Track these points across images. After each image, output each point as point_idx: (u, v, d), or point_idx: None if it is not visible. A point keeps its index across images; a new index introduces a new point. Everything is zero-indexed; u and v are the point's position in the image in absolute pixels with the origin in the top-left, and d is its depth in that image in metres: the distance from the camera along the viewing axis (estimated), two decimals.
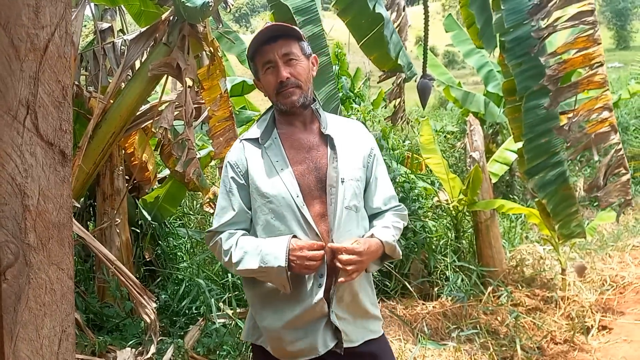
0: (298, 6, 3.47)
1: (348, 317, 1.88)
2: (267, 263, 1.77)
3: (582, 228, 4.03)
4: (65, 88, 0.98)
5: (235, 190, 1.92)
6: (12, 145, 0.93)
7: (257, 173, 1.89)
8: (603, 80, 3.19)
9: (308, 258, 1.74)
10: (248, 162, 1.92)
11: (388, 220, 1.97)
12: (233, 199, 1.92)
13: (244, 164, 1.93)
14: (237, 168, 1.93)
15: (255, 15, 71.41)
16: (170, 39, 3.89)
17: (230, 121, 4.02)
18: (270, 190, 1.85)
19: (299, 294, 1.84)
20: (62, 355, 1.03)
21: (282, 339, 1.86)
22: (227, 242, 1.88)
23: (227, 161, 1.98)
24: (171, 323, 4.47)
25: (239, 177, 1.92)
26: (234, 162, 1.95)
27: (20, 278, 0.96)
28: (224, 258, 1.89)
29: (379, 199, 2.00)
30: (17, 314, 0.96)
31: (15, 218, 0.94)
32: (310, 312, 1.83)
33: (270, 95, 1.97)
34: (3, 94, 0.91)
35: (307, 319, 1.84)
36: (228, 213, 1.91)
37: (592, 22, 3.12)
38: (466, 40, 9.45)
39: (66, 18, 0.96)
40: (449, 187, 5.59)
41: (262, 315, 1.90)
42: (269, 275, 1.79)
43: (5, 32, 0.90)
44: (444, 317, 4.58)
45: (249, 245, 1.84)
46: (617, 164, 3.35)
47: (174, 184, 5.18)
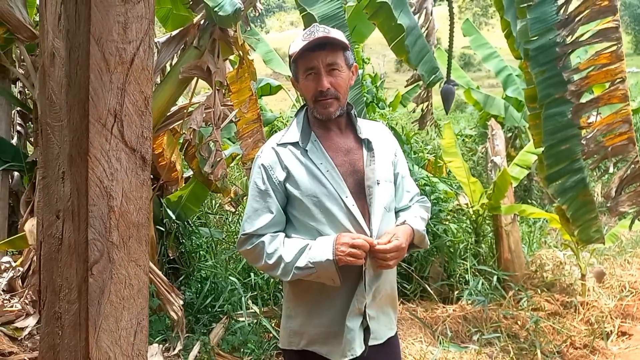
0: (325, 14, 3.54)
1: (375, 316, 1.94)
2: (315, 259, 1.80)
3: (600, 234, 4.05)
4: (147, 98, 1.05)
5: (272, 193, 1.92)
6: (101, 150, 1.00)
7: (301, 176, 1.90)
8: (624, 95, 3.23)
9: (353, 248, 1.78)
10: (288, 166, 1.92)
11: (416, 211, 2.04)
12: (270, 201, 1.92)
13: (280, 168, 1.93)
14: (272, 171, 1.93)
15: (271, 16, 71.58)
16: (201, 43, 3.98)
17: (257, 123, 4.10)
18: (319, 191, 1.87)
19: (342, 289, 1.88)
20: (137, 346, 1.10)
21: (329, 337, 1.90)
22: (271, 245, 1.89)
23: (260, 163, 1.97)
24: (195, 320, 4.55)
25: (275, 180, 1.93)
26: (268, 164, 1.94)
27: (104, 273, 1.03)
28: (268, 261, 1.88)
29: (406, 197, 2.08)
30: (101, 307, 1.03)
31: (101, 218, 1.02)
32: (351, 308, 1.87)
33: (307, 100, 2.00)
34: (95, 103, 0.98)
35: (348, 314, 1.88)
36: (265, 215, 1.91)
37: (616, 38, 3.16)
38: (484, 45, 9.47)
39: (149, 33, 1.04)
40: (469, 191, 5.62)
41: (309, 314, 1.93)
42: (318, 271, 1.81)
43: (98, 47, 0.97)
44: (465, 321, 4.62)
45: (297, 246, 1.86)
46: (633, 175, 3.40)
47: (197, 185, 5.27)
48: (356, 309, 1.88)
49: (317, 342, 1.93)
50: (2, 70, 5.07)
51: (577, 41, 3.22)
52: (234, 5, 3.62)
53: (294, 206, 1.93)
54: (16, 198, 5.02)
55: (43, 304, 1.09)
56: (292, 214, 1.95)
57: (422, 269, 5.25)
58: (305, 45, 1.89)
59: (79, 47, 0.98)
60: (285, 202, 1.96)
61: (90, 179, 0.99)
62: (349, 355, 1.88)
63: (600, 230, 4.06)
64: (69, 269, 1.04)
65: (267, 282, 4.93)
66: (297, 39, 1.96)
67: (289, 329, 2.00)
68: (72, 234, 1.03)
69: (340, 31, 2.03)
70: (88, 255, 1.01)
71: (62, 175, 1.03)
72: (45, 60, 1.04)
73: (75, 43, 0.99)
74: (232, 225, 6.69)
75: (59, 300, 1.06)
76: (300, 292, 1.97)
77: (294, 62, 1.98)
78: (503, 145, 5.50)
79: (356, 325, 1.88)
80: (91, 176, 0.99)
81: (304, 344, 1.95)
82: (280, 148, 1.96)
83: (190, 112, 4.15)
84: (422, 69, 3.64)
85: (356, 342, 1.89)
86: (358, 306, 1.88)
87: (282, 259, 1.86)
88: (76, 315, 1.04)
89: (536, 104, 3.74)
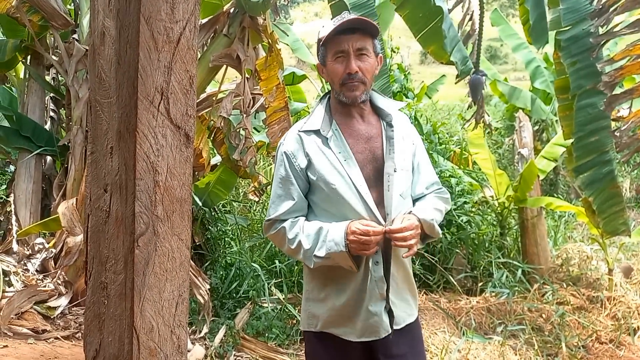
0: (355, 2, 3.54)
1: (397, 302, 1.97)
2: (330, 250, 1.86)
3: (627, 226, 4.00)
4: (191, 77, 1.08)
5: (294, 179, 1.97)
6: (148, 127, 1.04)
7: (320, 164, 1.94)
8: None
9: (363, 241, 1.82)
10: (309, 154, 1.96)
11: (430, 202, 2.05)
12: (292, 188, 1.97)
13: (302, 155, 1.97)
14: (294, 158, 1.98)
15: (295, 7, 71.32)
16: (231, 31, 4.02)
17: (285, 111, 4.12)
18: (336, 180, 1.91)
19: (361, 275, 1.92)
20: (178, 317, 1.14)
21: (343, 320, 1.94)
22: (292, 231, 1.95)
23: (283, 151, 2.01)
24: (221, 305, 4.63)
25: (297, 167, 1.97)
26: (290, 152, 1.99)
27: (149, 246, 1.07)
28: (290, 246, 1.95)
29: (422, 184, 2.09)
30: (145, 278, 1.08)
31: (147, 192, 1.06)
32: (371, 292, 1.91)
33: (334, 83, 2.01)
34: (143, 81, 1.02)
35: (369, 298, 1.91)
36: (287, 202, 1.97)
37: None
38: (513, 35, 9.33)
39: (195, 14, 1.07)
40: (495, 183, 5.58)
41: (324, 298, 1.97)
42: (335, 259, 1.88)
43: (148, 26, 1.01)
44: (488, 312, 4.61)
45: (314, 233, 1.91)
46: None
47: (225, 171, 5.32)
48: (377, 294, 1.91)
49: (333, 324, 1.97)
50: (36, 56, 5.19)
51: (612, 31, 3.17)
52: None
53: (314, 193, 1.98)
54: (49, 182, 5.15)
55: (89, 275, 1.14)
56: (313, 200, 2.00)
57: (446, 260, 5.25)
58: (337, 27, 1.92)
59: (129, 26, 1.02)
60: (307, 188, 2.00)
61: (138, 154, 1.03)
62: (372, 337, 1.92)
63: (626, 223, 4.01)
64: (115, 240, 1.08)
65: (290, 269, 4.98)
66: (328, 24, 1.99)
67: (307, 311, 2.05)
68: (120, 207, 1.07)
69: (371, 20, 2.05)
70: (135, 228, 1.05)
71: (110, 151, 1.07)
72: (95, 39, 1.08)
73: (126, 22, 1.02)
74: (256, 213, 6.75)
75: (105, 271, 1.10)
76: (317, 276, 2.01)
77: (323, 45, 1.99)
78: (531, 138, 5.44)
79: (380, 309, 1.92)
80: (139, 151, 1.03)
81: (321, 325, 1.99)
82: (303, 134, 2.00)
83: (219, 100, 4.20)
84: (455, 57, 3.62)
85: (381, 325, 1.92)
86: (379, 291, 1.91)
87: (301, 245, 1.92)
88: (122, 285, 1.08)
89: (567, 95, 3.70)
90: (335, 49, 1.96)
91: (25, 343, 3.45)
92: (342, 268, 1.92)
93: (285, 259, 5.05)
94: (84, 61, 4.69)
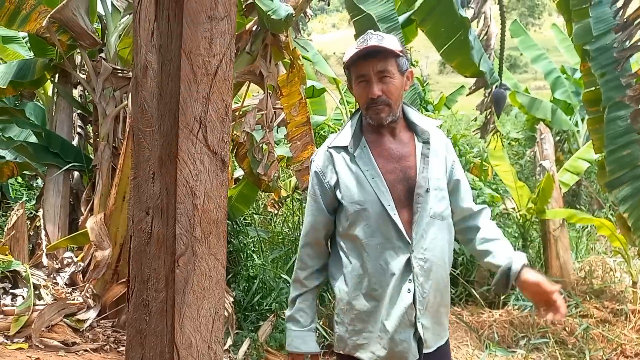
0: (380, 14, 3.60)
1: (429, 325, 1.95)
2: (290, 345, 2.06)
3: None
4: (227, 106, 1.15)
5: (319, 198, 2.01)
6: (188, 153, 1.11)
7: (348, 182, 1.96)
8: None
9: None
10: (338, 171, 1.98)
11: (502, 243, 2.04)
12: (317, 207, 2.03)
13: (330, 172, 2.00)
14: (323, 176, 2.01)
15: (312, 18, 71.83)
16: (253, 48, 4.11)
17: (307, 126, 4.20)
18: (363, 198, 1.92)
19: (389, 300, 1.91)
20: (215, 333, 1.20)
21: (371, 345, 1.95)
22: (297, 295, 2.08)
23: (314, 170, 2.05)
24: (244, 318, 4.68)
25: (326, 184, 2.00)
26: (320, 170, 2.02)
27: (188, 265, 1.14)
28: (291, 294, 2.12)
29: (468, 200, 2.09)
30: (185, 296, 1.14)
31: (187, 215, 1.12)
32: (401, 319, 1.90)
33: (360, 105, 2.04)
34: (184, 111, 1.09)
35: (397, 325, 1.91)
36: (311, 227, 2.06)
37: None
38: (533, 46, 9.33)
39: (231, 47, 1.14)
40: (516, 195, 5.57)
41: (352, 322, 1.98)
42: None
43: (188, 60, 1.08)
44: (511, 325, 4.60)
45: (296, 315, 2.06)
46: None
47: (247, 185, 5.41)
48: (406, 320, 1.90)
49: (361, 348, 1.97)
50: (64, 75, 5.35)
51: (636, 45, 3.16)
52: (287, 10, 3.73)
53: (341, 216, 2.00)
54: (76, 197, 5.28)
55: (131, 293, 1.21)
56: (339, 219, 2.01)
57: (468, 273, 5.24)
58: (356, 53, 1.94)
59: (171, 61, 1.09)
60: (334, 204, 2.01)
61: (178, 179, 1.10)
62: None
63: None
64: (157, 260, 1.15)
65: None
66: (351, 47, 2.01)
67: (336, 334, 2.06)
68: (161, 228, 1.14)
69: (394, 37, 2.06)
70: (175, 249, 1.11)
71: (152, 176, 1.14)
72: (138, 73, 1.15)
73: (167, 57, 1.09)
74: (276, 226, 6.82)
75: (147, 289, 1.17)
76: (344, 302, 2.01)
77: (347, 69, 2.03)
78: (552, 150, 5.43)
79: (408, 336, 1.91)
80: (179, 177, 1.10)
81: (349, 349, 2.00)
82: (332, 151, 2.02)
83: (242, 115, 4.29)
84: (484, 67, 3.64)
85: (410, 352, 1.92)
86: (408, 318, 1.90)
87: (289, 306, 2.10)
88: (163, 302, 1.14)
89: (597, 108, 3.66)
90: (357, 73, 1.97)
91: (56, 355, 3.54)
92: (370, 295, 1.93)
93: None
94: (111, 79, 4.82)
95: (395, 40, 2.02)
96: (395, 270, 1.90)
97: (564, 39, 9.16)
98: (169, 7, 1.08)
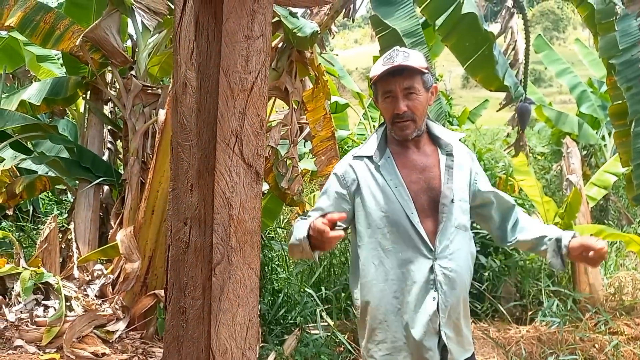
0: (405, 29, 3.65)
1: (453, 336, 1.97)
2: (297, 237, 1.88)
3: None
4: (262, 120, 1.20)
5: (332, 196, 2.03)
6: (225, 166, 1.16)
7: (370, 190, 1.99)
8: None
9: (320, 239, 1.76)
10: (359, 179, 2.02)
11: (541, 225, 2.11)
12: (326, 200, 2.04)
13: (352, 179, 2.03)
14: (344, 180, 2.04)
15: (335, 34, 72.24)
16: (279, 65, 4.19)
17: (332, 140, 4.25)
18: (386, 207, 1.96)
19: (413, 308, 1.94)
20: (249, 340, 1.24)
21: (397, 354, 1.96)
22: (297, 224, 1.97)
23: (333, 172, 2.09)
24: (269, 331, 4.71)
25: (343, 187, 2.03)
26: (340, 174, 2.06)
27: (224, 274, 1.18)
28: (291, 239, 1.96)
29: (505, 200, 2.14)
30: (221, 303, 1.18)
31: (223, 225, 1.17)
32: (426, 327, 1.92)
33: (386, 120, 2.09)
34: (221, 126, 1.14)
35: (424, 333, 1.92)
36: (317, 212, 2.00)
37: None
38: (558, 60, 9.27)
39: (266, 64, 1.19)
40: (543, 210, 5.52)
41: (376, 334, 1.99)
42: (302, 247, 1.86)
43: (226, 77, 1.13)
44: (539, 342, 4.53)
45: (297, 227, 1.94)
46: None
47: (271, 200, 5.46)
48: (431, 328, 1.92)
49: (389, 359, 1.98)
50: (96, 92, 5.51)
51: None
52: (312, 27, 3.80)
53: (361, 219, 2.02)
54: (106, 210, 5.40)
55: (169, 300, 1.25)
56: (359, 228, 2.03)
57: (494, 289, 5.19)
58: (384, 70, 1.99)
59: (209, 78, 1.14)
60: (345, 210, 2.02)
61: (216, 191, 1.15)
62: None
63: None
64: (194, 269, 1.20)
65: (336, 295, 5.03)
66: (378, 62, 2.05)
67: (362, 347, 2.08)
68: (198, 238, 1.18)
69: (420, 54, 2.11)
70: (212, 257, 1.15)
71: (190, 188, 1.19)
72: (177, 89, 1.21)
73: (206, 74, 1.15)
74: None
75: (184, 297, 1.21)
76: (362, 315, 2.04)
77: (374, 84, 2.07)
78: (579, 164, 5.38)
79: (434, 344, 1.93)
80: (216, 188, 1.15)
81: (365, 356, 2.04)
82: (355, 161, 2.07)
83: (268, 130, 4.36)
84: (508, 82, 3.66)
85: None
86: (432, 325, 1.92)
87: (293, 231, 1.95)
88: (200, 310, 1.18)
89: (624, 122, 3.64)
90: (384, 89, 2.02)
91: None
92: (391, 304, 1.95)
93: (332, 285, 5.11)
94: (141, 96, 4.96)
95: (421, 56, 2.07)
96: (417, 278, 1.93)
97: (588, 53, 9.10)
98: (208, 27, 1.13)
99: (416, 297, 1.93)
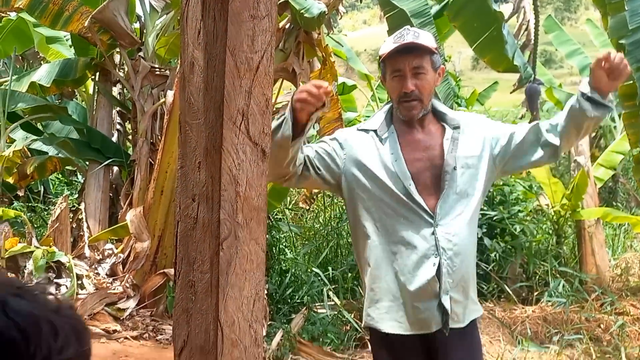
0: (413, 10, 3.64)
1: (460, 299, 1.98)
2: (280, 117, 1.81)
3: None
4: (268, 99, 1.22)
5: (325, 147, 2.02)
6: (231, 144, 1.18)
7: (372, 160, 2.01)
8: None
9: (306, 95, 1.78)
10: (358, 149, 2.02)
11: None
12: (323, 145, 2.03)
13: (350, 147, 2.03)
14: (344, 143, 2.04)
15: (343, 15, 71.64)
16: (287, 46, 4.19)
17: (339, 122, 4.27)
18: (385, 177, 1.98)
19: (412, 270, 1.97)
20: (255, 313, 1.28)
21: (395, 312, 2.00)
22: None
23: (335, 136, 2.09)
24: (276, 310, 4.78)
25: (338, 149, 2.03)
26: (343, 139, 2.05)
27: (231, 249, 1.21)
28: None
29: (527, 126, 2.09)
30: (228, 277, 1.22)
31: (230, 201, 1.20)
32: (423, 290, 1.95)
33: (393, 98, 2.10)
34: (228, 104, 1.16)
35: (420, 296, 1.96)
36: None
37: None
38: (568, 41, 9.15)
39: (271, 44, 1.21)
40: (550, 192, 5.52)
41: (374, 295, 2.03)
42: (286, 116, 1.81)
43: (232, 57, 1.15)
44: (544, 322, 4.57)
45: None
46: None
47: None
48: (429, 292, 1.94)
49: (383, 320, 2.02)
50: (104, 73, 5.54)
51: None
52: (320, 8, 3.80)
53: (361, 189, 2.02)
54: (115, 191, 5.47)
55: (178, 274, 1.29)
56: (362, 197, 2.03)
57: (501, 270, 5.23)
58: (394, 48, 2.00)
59: (216, 57, 1.17)
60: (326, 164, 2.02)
61: (223, 168, 1.18)
62: (424, 331, 1.97)
63: None
64: (202, 244, 1.23)
65: (343, 276, 5.08)
66: (388, 40, 2.07)
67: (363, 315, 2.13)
68: (206, 214, 1.22)
69: (429, 34, 2.12)
70: (219, 233, 1.19)
71: (198, 165, 1.22)
72: (185, 69, 1.23)
73: (213, 54, 1.17)
74: (307, 221, 6.89)
75: (193, 271, 1.25)
76: (362, 275, 2.10)
77: (383, 62, 2.08)
78: (587, 145, 5.36)
79: (432, 306, 1.95)
80: (223, 166, 1.18)
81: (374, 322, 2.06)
82: (360, 132, 2.09)
83: (275, 112, 4.38)
84: (517, 62, 3.64)
85: (433, 321, 1.96)
86: (431, 290, 1.94)
87: None
88: (208, 283, 1.22)
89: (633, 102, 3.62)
90: (392, 67, 2.02)
91: (98, 342, 3.70)
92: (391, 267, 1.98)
93: (338, 265, 5.16)
94: (149, 77, 4.98)
95: (431, 37, 2.08)
96: (417, 244, 1.96)
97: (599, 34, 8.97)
98: (214, 7, 1.15)
99: (415, 261, 1.96)
